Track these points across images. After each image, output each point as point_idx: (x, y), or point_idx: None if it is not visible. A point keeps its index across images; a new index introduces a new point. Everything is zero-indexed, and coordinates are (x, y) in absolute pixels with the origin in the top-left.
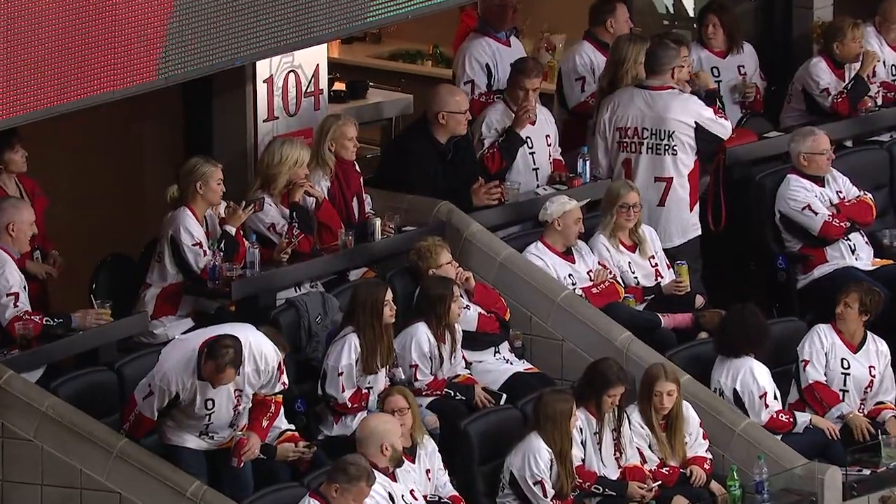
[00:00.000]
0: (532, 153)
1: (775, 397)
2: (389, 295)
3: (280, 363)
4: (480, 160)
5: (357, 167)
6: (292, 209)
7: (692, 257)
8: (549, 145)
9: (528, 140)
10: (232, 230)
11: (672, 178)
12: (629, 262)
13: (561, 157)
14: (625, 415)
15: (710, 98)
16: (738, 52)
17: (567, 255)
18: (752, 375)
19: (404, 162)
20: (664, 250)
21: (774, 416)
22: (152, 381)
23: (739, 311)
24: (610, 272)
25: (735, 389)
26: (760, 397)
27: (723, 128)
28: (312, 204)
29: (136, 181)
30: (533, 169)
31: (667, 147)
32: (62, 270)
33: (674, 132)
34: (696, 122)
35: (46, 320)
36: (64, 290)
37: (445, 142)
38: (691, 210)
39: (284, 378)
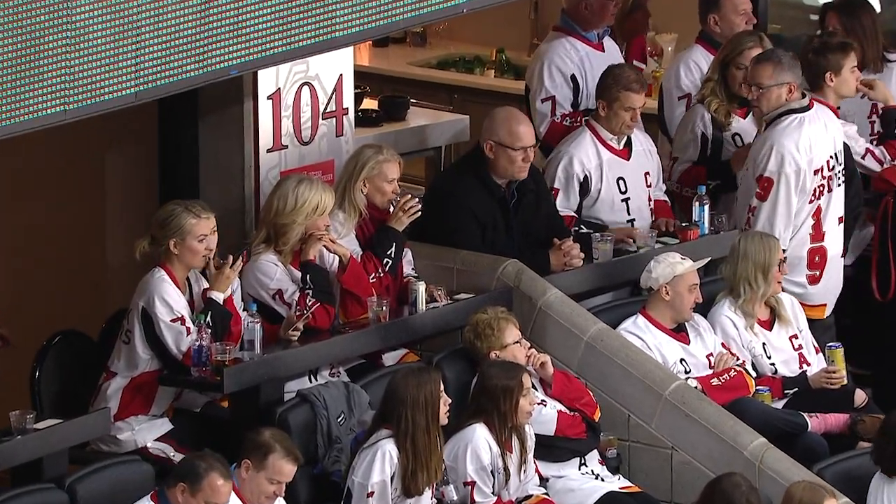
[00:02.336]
0: (626, 199)
1: None
2: (440, 387)
3: None
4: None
5: None
6: (306, 270)
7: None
8: (650, 185)
9: (621, 181)
10: (220, 297)
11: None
12: (763, 344)
13: (667, 199)
14: None
15: (890, 119)
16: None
17: (678, 332)
18: None
19: (448, 208)
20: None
21: None
22: None
23: None
24: (737, 357)
25: None
26: None
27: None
28: (334, 263)
29: (95, 235)
30: (627, 220)
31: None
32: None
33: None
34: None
35: None
36: None
37: (506, 183)
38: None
39: None
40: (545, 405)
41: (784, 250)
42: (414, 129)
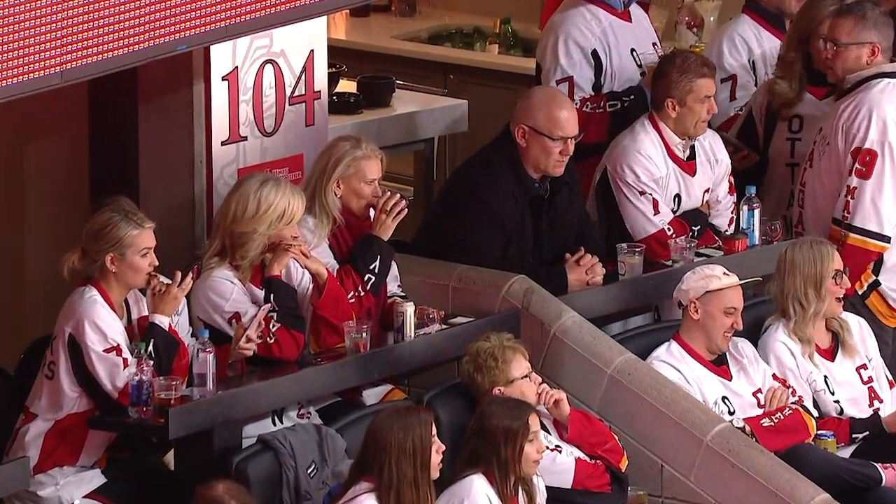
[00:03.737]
0: (674, 212)
1: None
2: (432, 431)
3: None
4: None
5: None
6: (269, 288)
7: None
8: (704, 205)
9: (677, 199)
10: (165, 322)
11: None
12: (825, 377)
13: (730, 225)
14: None
15: None
16: None
17: (719, 364)
18: None
19: (467, 212)
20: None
21: None
22: None
23: None
24: (794, 392)
25: None
26: None
27: None
28: (303, 280)
29: (11, 247)
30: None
31: None
32: None
33: None
34: None
35: None
36: None
37: (540, 177)
38: None
39: None
40: (560, 452)
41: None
42: (400, 118)
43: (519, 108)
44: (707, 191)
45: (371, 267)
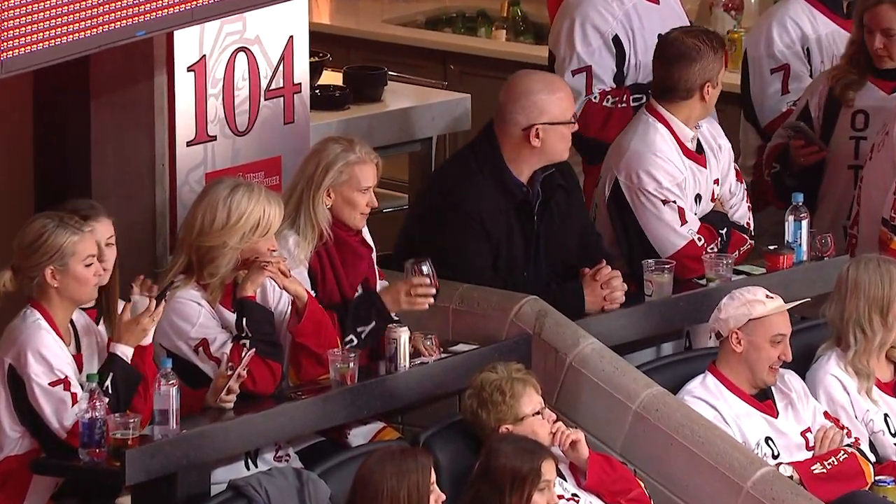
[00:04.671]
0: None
1: None
2: (432, 478)
3: None
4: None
5: (367, 236)
6: (242, 311)
7: None
8: (715, 199)
9: (698, 198)
10: (127, 353)
11: None
12: (885, 416)
13: (751, 218)
14: None
15: None
16: None
17: (762, 399)
18: None
19: (447, 220)
20: None
21: None
22: None
23: None
24: (848, 433)
25: None
26: None
27: None
28: (280, 303)
29: None
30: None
31: None
32: None
33: None
34: None
35: None
36: None
37: (528, 179)
38: None
39: None
40: (578, 502)
41: None
42: (393, 114)
43: (524, 107)
44: (716, 182)
45: (360, 330)
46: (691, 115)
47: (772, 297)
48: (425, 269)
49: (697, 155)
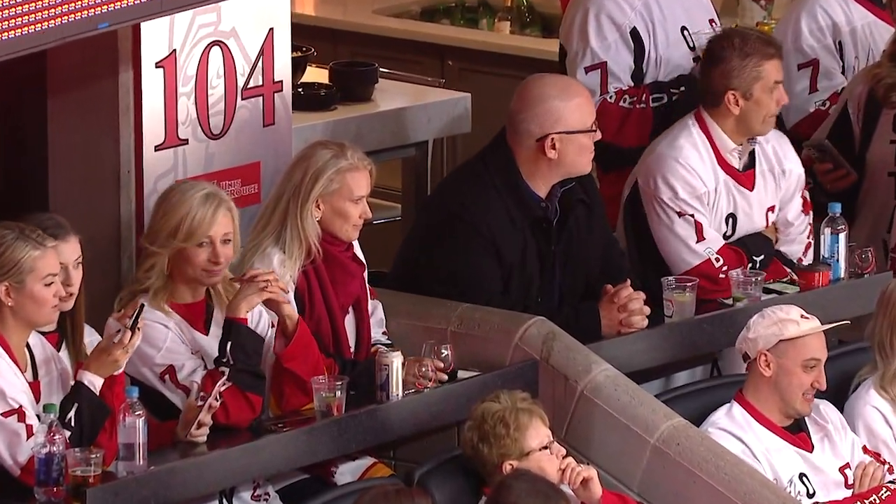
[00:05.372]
0: (728, 237)
1: None
2: None
3: None
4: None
5: (358, 251)
6: (229, 334)
7: None
8: (768, 225)
9: (731, 220)
10: (96, 384)
11: None
12: None
13: (806, 256)
14: None
15: None
16: None
17: (795, 432)
18: None
19: (454, 238)
20: None
21: None
22: None
23: None
24: (891, 469)
25: None
26: None
27: None
28: (260, 324)
29: None
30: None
31: None
32: None
33: None
34: None
35: None
36: None
37: (546, 194)
38: None
39: None
40: None
41: None
42: (385, 116)
43: (536, 115)
44: (771, 209)
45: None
46: (728, 127)
47: (807, 318)
48: (444, 353)
49: (742, 173)
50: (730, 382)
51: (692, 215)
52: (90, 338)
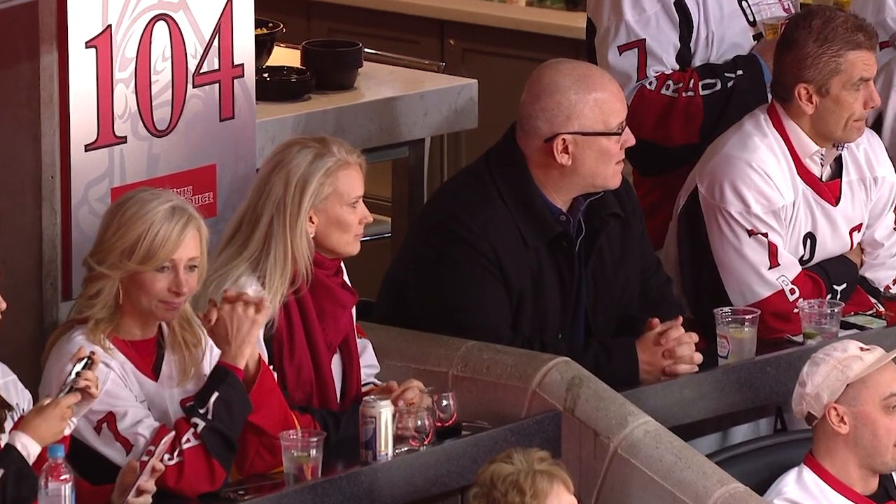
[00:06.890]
0: (805, 262)
1: None
2: None
3: None
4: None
5: (345, 276)
6: (219, 385)
7: None
8: (854, 245)
9: (809, 239)
10: (31, 449)
11: None
12: None
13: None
14: None
15: None
16: None
17: (882, 500)
18: None
19: (451, 258)
20: None
21: None
22: None
23: None
24: None
25: None
26: None
27: None
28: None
29: None
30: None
31: None
32: None
33: None
34: None
35: None
36: None
37: (568, 206)
38: None
39: None
40: None
41: None
42: (372, 107)
43: (540, 110)
44: (857, 228)
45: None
46: (811, 128)
47: (867, 349)
48: (445, 402)
49: (825, 183)
50: (799, 439)
51: (766, 234)
52: (3, 379)
